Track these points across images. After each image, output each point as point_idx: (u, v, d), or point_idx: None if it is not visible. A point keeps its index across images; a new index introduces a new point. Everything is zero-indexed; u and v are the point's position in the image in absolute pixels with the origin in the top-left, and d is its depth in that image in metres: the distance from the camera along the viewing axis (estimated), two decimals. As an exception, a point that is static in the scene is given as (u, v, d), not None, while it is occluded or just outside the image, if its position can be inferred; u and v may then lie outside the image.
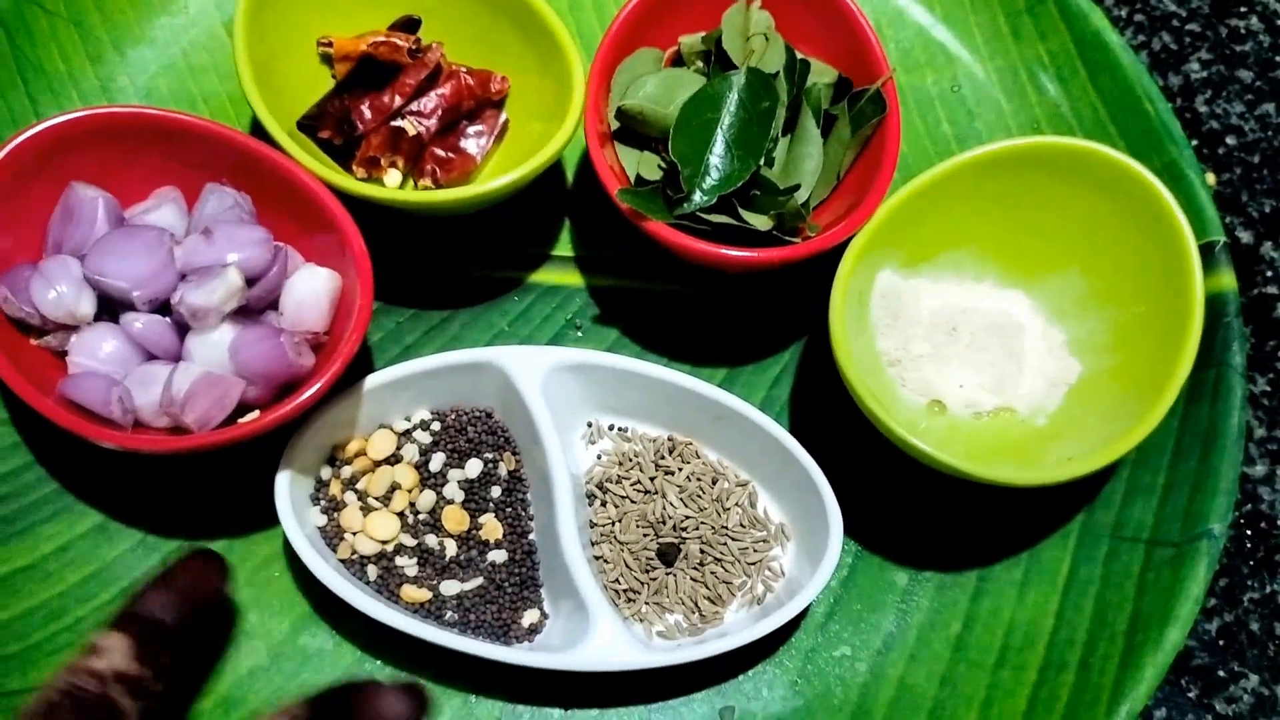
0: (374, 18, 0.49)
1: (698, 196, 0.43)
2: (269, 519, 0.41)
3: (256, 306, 0.42)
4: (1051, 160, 0.45)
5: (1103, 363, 0.45)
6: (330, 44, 0.48)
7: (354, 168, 0.48)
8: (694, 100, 0.44)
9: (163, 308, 0.41)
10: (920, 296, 0.47)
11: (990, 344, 0.46)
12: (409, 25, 0.49)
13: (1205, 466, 0.44)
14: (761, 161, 0.45)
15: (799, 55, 0.47)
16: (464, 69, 0.49)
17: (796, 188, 0.44)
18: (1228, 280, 0.47)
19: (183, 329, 0.41)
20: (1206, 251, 0.47)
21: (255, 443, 0.40)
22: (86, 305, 0.41)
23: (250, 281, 0.41)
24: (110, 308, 0.42)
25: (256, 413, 0.41)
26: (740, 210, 0.44)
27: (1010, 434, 0.45)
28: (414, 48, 0.48)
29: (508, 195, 0.44)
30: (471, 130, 0.49)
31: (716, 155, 0.44)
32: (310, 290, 0.42)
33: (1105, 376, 0.45)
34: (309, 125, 0.47)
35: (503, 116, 0.50)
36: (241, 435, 0.39)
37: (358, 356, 0.43)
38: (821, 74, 0.47)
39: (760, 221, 0.44)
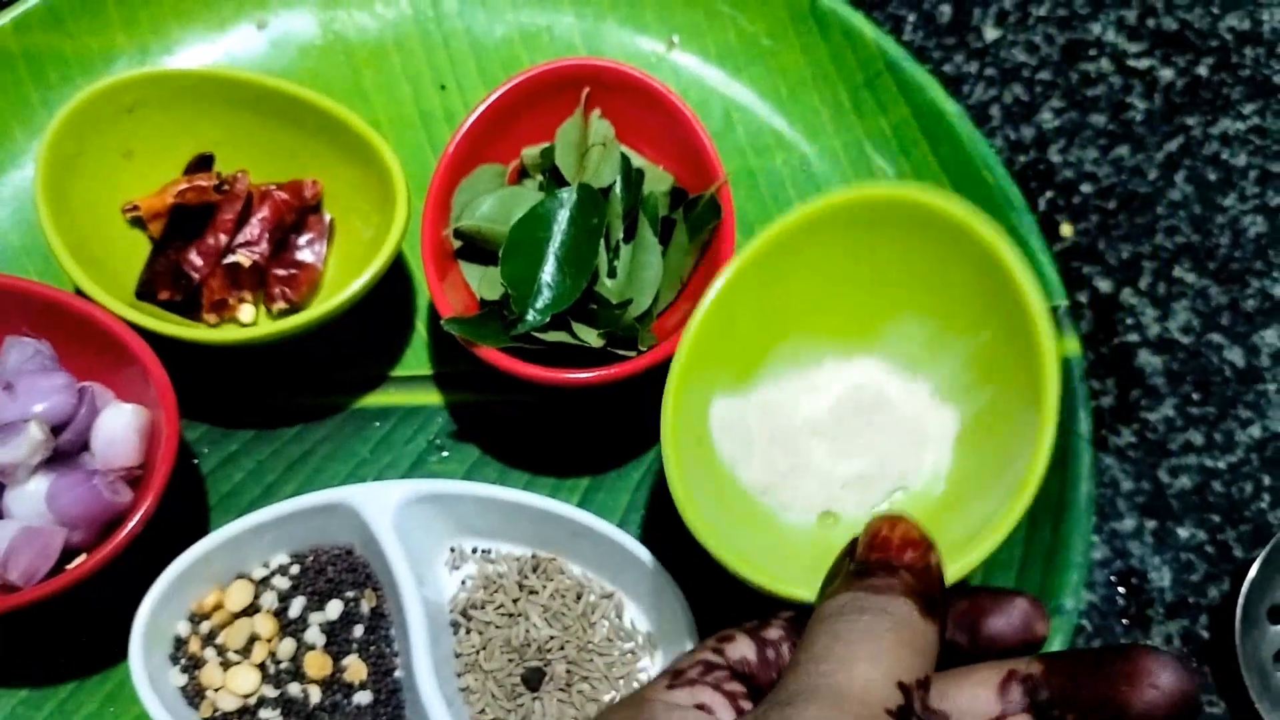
0: (165, 169, 0.49)
1: (531, 316, 0.44)
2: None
3: (69, 450, 0.43)
4: (839, 218, 0.41)
5: (978, 402, 0.42)
6: (136, 207, 0.48)
7: (204, 317, 0.48)
8: (524, 220, 0.45)
9: None
10: (765, 410, 0.44)
11: (858, 425, 0.44)
12: (203, 163, 0.50)
13: (1056, 539, 0.44)
14: (605, 275, 0.45)
15: (635, 164, 0.48)
16: (273, 186, 0.49)
17: (629, 302, 0.45)
18: (1071, 345, 0.47)
19: None
20: (1049, 317, 0.47)
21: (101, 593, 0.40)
22: None
23: (58, 428, 0.42)
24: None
25: (84, 557, 0.42)
26: (574, 326, 0.44)
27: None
28: (219, 183, 0.48)
29: (359, 300, 0.45)
30: (303, 240, 0.50)
31: (548, 274, 0.44)
32: (117, 427, 0.43)
33: (985, 416, 0.41)
34: (146, 293, 0.47)
35: (327, 217, 0.50)
36: (68, 583, 0.40)
37: (186, 482, 0.46)
38: (658, 181, 0.48)
39: (592, 338, 0.44)
